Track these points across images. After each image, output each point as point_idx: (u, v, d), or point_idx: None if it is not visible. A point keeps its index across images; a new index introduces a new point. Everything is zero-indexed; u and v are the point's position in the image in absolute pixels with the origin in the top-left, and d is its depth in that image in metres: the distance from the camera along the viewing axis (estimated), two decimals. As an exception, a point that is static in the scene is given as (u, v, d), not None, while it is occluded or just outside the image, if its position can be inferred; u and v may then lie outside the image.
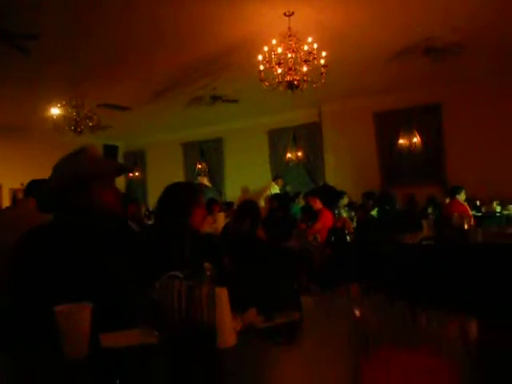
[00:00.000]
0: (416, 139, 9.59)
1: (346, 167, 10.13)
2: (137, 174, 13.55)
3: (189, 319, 1.06)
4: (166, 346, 1.08)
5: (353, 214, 6.36)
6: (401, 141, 9.75)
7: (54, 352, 1.18)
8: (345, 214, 5.91)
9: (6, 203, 11.86)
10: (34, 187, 2.51)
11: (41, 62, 6.96)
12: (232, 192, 11.92)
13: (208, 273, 1.07)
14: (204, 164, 12.72)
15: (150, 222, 7.79)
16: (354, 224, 5.77)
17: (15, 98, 9.04)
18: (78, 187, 1.64)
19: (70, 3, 5.26)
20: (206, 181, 9.89)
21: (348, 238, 4.61)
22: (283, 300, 1.43)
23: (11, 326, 1.45)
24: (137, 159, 14.01)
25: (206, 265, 1.08)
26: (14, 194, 12.10)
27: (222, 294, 1.15)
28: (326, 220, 5.41)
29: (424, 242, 3.81)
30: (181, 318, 1.07)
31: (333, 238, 4.36)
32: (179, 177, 12.68)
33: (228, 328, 1.15)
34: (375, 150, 10.06)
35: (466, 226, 3.77)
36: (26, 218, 1.99)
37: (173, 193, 2.20)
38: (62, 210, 1.66)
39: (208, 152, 12.65)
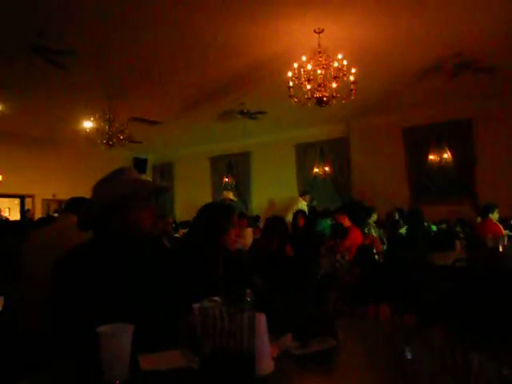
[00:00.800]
0: (446, 155, 9.44)
1: (373, 183, 10.02)
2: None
3: (229, 346, 1.07)
4: (205, 372, 1.09)
5: (381, 231, 6.27)
6: (431, 157, 9.61)
7: (93, 373, 1.20)
8: (374, 233, 5.83)
9: (39, 213, 12.22)
10: (74, 204, 2.58)
11: (76, 77, 7.20)
12: (258, 205, 11.96)
13: (248, 299, 1.08)
14: (231, 177, 12.82)
15: (176, 235, 7.89)
16: (383, 242, 5.69)
17: (49, 112, 9.36)
18: (117, 208, 1.67)
19: (105, 22, 5.45)
20: (231, 195, 9.94)
21: (376, 256, 4.54)
22: (318, 326, 1.43)
23: (51, 346, 1.48)
24: (165, 172, 14.23)
25: (247, 291, 1.09)
26: (47, 205, 12.48)
27: (262, 320, 1.16)
28: (355, 238, 5.35)
29: (458, 264, 3.72)
30: (221, 344, 1.08)
31: (361, 257, 4.31)
32: (206, 190, 12.82)
33: (266, 355, 1.16)
34: (404, 167, 9.94)
35: (500, 248, 3.67)
36: (66, 236, 2.05)
37: (209, 213, 2.22)
38: (101, 229, 1.71)
39: (235, 166, 12.75)
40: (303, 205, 9.70)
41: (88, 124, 9.27)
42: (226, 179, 12.84)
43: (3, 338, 2.18)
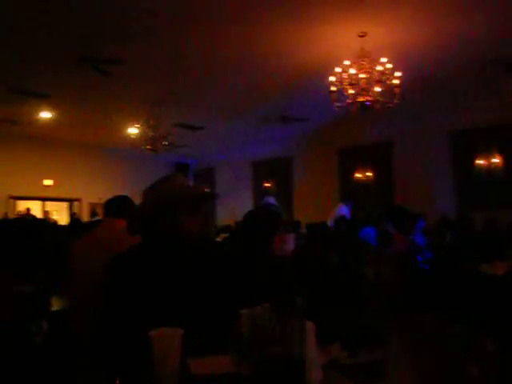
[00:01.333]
0: (496, 160, 9.07)
1: (417, 188, 9.76)
2: (203, 189, 13.90)
3: (279, 353, 1.07)
4: (255, 378, 1.10)
5: (427, 239, 6.08)
6: (479, 161, 9.27)
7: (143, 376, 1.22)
8: (420, 239, 5.66)
9: (85, 216, 12.67)
10: (117, 206, 2.63)
11: (122, 84, 7.44)
12: (300, 211, 11.89)
13: (298, 306, 1.08)
14: (272, 182, 12.83)
15: (217, 239, 7.96)
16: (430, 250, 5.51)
17: (96, 119, 9.73)
18: (166, 213, 1.71)
19: (150, 31, 5.61)
20: (273, 199, 9.91)
21: (422, 265, 4.41)
22: (368, 335, 1.41)
23: (101, 350, 1.52)
24: (206, 177, 14.40)
25: (297, 298, 1.09)
26: (92, 208, 12.92)
27: (311, 328, 1.15)
28: (399, 245, 5.22)
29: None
30: (271, 351, 1.08)
31: (406, 265, 4.20)
32: (247, 195, 12.88)
33: (315, 364, 1.15)
34: (450, 171, 9.64)
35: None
36: (115, 241, 2.10)
37: (255, 219, 2.22)
38: (149, 233, 1.75)
39: (277, 171, 12.74)
40: (344, 210, 9.55)
41: (133, 130, 9.55)
42: (267, 184, 12.85)
43: (56, 339, 2.26)
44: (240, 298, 1.44)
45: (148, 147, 8.77)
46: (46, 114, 9.25)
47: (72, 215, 12.82)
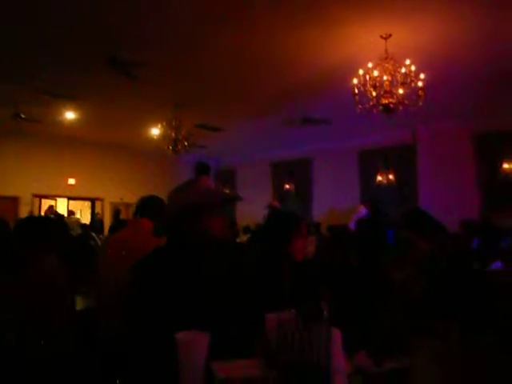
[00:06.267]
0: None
1: (441, 192, 9.61)
2: (227, 191, 13.98)
3: (305, 359, 1.07)
4: (281, 383, 1.10)
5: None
6: (506, 165, 9.07)
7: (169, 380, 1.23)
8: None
9: (107, 215, 12.87)
10: (145, 208, 2.64)
11: (145, 86, 7.53)
12: (320, 213, 11.84)
13: (325, 313, 1.07)
14: (292, 184, 12.81)
15: (238, 240, 7.99)
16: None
17: (119, 120, 9.87)
18: (190, 215, 1.72)
19: (176, 34, 5.67)
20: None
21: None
22: (393, 343, 1.39)
23: (126, 352, 1.54)
24: (227, 177, 14.45)
25: (323, 304, 1.09)
26: (114, 207, 13.12)
27: (337, 335, 1.14)
28: (422, 249, 5.14)
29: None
30: (297, 357, 1.08)
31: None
32: (267, 196, 12.87)
33: (342, 372, 1.14)
34: (474, 175, 9.46)
35: None
36: (142, 242, 2.12)
37: (277, 223, 2.23)
38: (175, 236, 1.76)
39: (297, 172, 12.72)
40: (364, 213, 9.45)
41: (155, 131, 9.65)
42: (287, 185, 12.84)
43: (81, 341, 2.30)
44: (265, 302, 1.44)
45: (170, 148, 8.84)
46: (70, 115, 9.42)
47: (95, 215, 13.04)
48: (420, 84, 5.55)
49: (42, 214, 11.59)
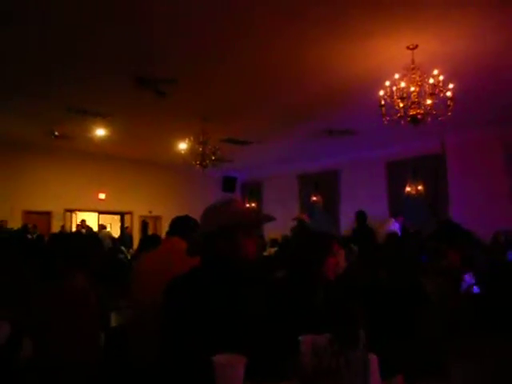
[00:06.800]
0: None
1: (472, 202, 9.38)
2: (253, 204, 14.02)
3: (341, 385, 1.07)
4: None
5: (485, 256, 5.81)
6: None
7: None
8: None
9: (136, 229, 13.08)
10: (178, 227, 2.67)
11: (174, 103, 7.68)
12: (347, 225, 11.71)
13: (361, 338, 1.06)
14: (319, 196, 12.74)
15: (265, 254, 7.98)
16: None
17: (148, 135, 10.08)
18: (223, 236, 1.74)
19: (201, 51, 5.77)
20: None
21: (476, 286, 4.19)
22: (429, 366, 1.37)
23: (162, 373, 1.55)
24: (253, 190, 14.50)
25: (360, 329, 1.08)
26: (142, 221, 13.34)
27: (374, 361, 1.14)
28: (453, 260, 5.01)
29: None
30: (333, 383, 1.08)
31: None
32: (294, 208, 12.83)
33: (379, 397, 1.14)
34: (507, 184, 9.21)
35: None
36: (172, 261, 2.15)
37: (305, 243, 2.22)
38: (208, 256, 1.78)
39: (323, 184, 12.65)
40: (395, 226, 9.30)
41: (183, 146, 9.79)
42: (314, 198, 12.78)
43: (113, 355, 2.32)
44: (300, 324, 1.44)
45: (197, 163, 8.95)
46: (101, 132, 9.67)
47: (124, 228, 13.26)
48: (449, 94, 5.47)
49: (74, 228, 11.86)
